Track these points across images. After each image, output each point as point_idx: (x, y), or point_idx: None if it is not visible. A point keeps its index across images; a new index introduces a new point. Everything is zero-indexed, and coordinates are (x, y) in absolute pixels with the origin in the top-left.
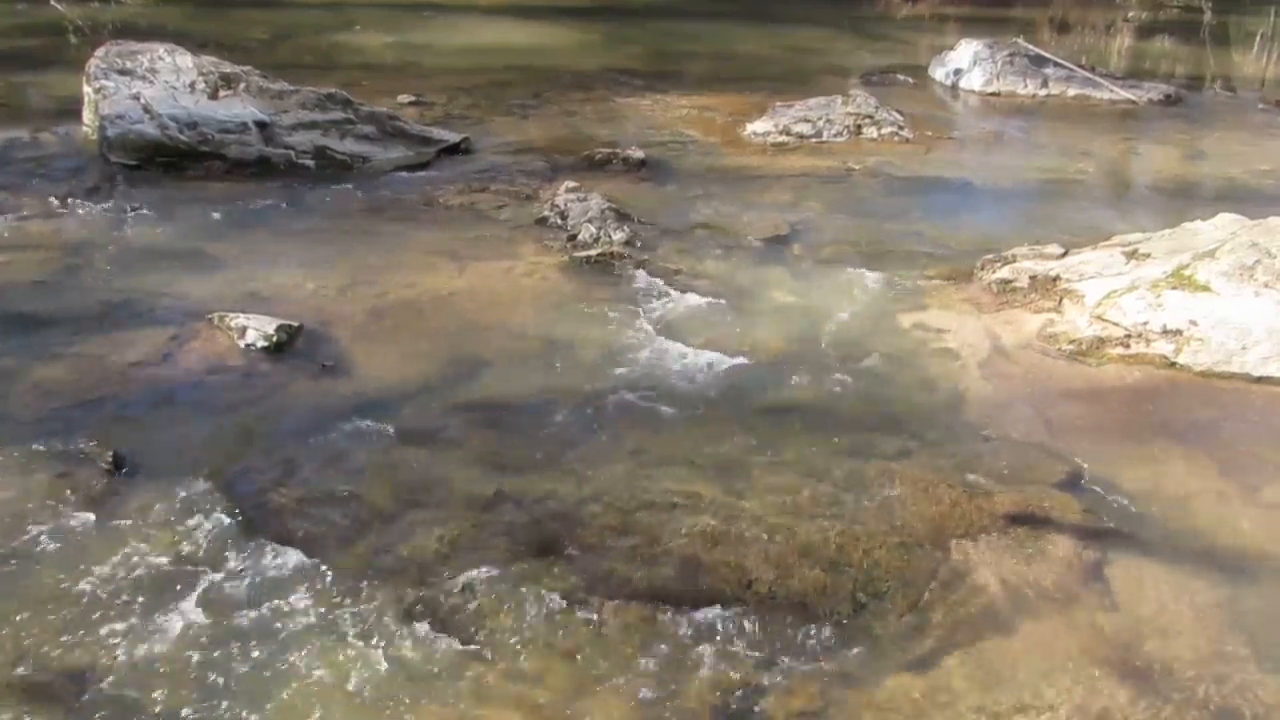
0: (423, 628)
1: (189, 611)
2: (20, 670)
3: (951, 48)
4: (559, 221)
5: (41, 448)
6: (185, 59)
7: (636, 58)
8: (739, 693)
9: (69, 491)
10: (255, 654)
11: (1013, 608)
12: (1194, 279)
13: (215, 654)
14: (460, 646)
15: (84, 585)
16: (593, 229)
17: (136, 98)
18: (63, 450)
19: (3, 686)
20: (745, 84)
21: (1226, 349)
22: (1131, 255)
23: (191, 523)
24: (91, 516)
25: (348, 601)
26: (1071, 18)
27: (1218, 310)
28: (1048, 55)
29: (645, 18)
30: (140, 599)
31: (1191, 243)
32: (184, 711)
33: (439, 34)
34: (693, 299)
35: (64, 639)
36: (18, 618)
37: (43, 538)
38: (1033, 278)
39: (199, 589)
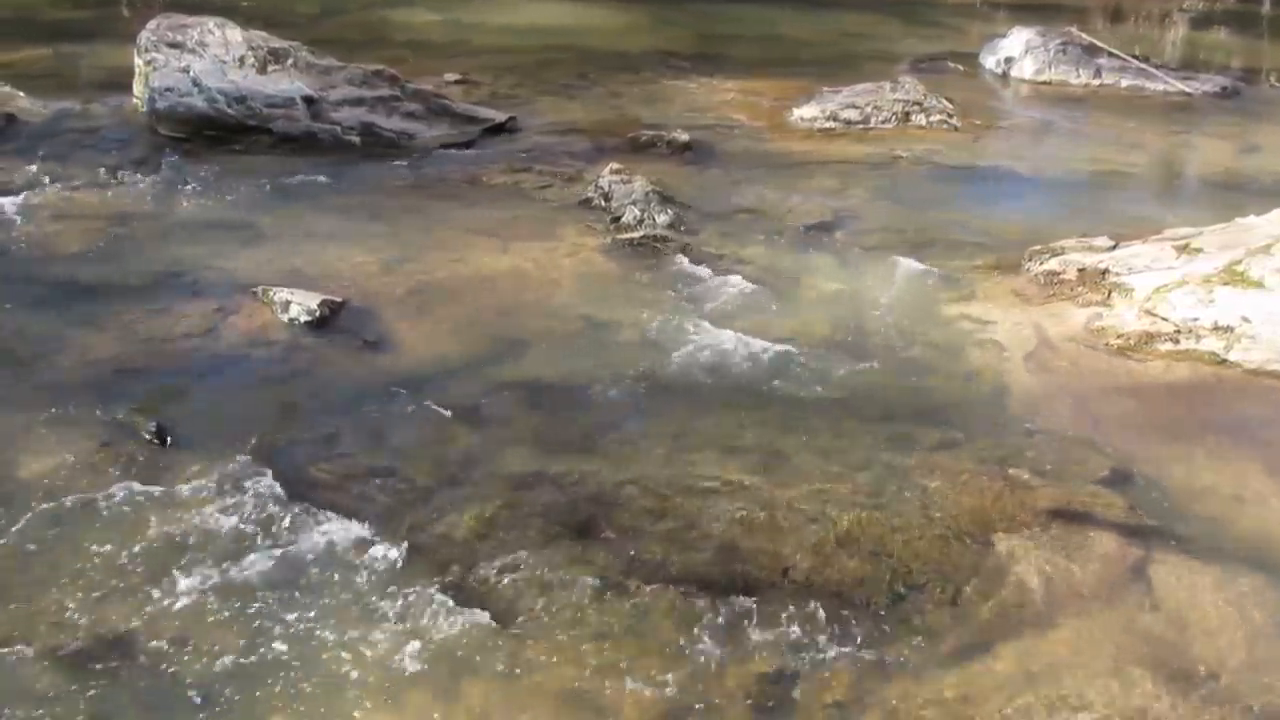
0: (460, 605)
1: (229, 583)
2: (63, 638)
3: (1002, 35)
4: (602, 203)
5: (85, 417)
6: (235, 33)
7: (681, 40)
8: (774, 681)
9: (111, 461)
10: (293, 626)
11: (1053, 604)
12: (1247, 275)
13: (253, 625)
14: (496, 625)
15: (125, 555)
16: (636, 211)
17: (186, 71)
18: (106, 420)
19: (45, 653)
20: (791, 68)
21: (1278, 347)
22: (1182, 249)
23: (232, 495)
24: (134, 486)
25: (386, 577)
26: (1125, 7)
27: (1270, 307)
28: (1101, 45)
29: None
30: (180, 569)
31: (1244, 238)
32: (222, 681)
33: (485, 13)
34: (735, 284)
35: (105, 607)
36: (60, 586)
37: (85, 507)
38: (1081, 270)
39: (239, 561)
